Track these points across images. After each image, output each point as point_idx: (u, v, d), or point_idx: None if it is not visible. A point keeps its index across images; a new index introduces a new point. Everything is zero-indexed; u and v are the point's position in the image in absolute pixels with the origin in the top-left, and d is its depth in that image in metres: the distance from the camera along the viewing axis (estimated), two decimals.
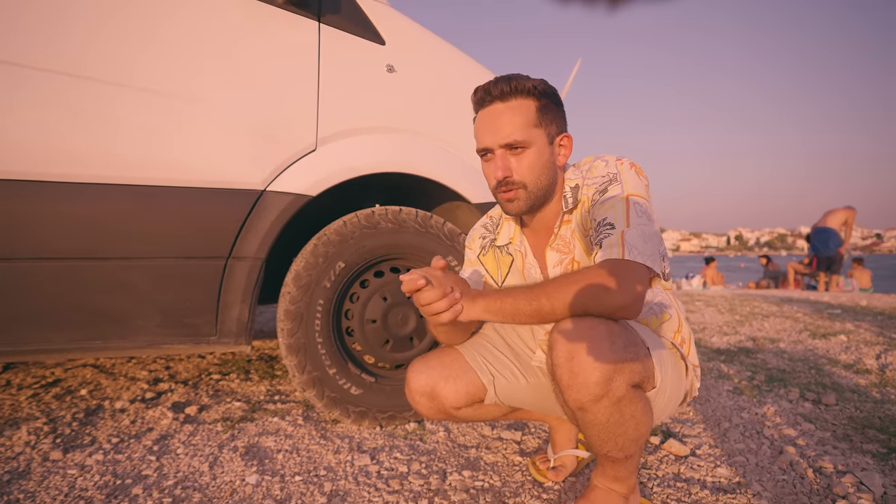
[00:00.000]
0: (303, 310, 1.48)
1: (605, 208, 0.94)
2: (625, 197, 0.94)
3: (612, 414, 0.87)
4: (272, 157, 1.43)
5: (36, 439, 1.43)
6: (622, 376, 0.85)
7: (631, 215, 0.92)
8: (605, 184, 0.97)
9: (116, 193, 1.29)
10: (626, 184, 0.95)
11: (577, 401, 0.86)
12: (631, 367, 0.86)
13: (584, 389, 0.85)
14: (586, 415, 0.88)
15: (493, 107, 0.97)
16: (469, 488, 1.20)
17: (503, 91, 0.96)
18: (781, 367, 2.31)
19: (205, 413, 1.66)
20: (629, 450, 0.94)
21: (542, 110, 0.97)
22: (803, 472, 1.28)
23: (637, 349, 0.89)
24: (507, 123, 0.95)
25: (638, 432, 0.91)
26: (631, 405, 0.88)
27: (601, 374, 0.83)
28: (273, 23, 1.44)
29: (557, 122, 1.00)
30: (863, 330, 3.12)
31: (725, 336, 3.05)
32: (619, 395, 0.86)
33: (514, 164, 0.97)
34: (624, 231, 0.90)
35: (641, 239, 0.90)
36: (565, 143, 1.02)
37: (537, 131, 0.97)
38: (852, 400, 1.83)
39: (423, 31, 1.71)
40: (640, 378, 0.89)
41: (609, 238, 0.91)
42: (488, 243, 1.19)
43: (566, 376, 0.86)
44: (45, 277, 1.27)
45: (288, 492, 1.18)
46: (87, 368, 2.13)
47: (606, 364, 0.83)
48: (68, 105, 1.25)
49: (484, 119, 0.99)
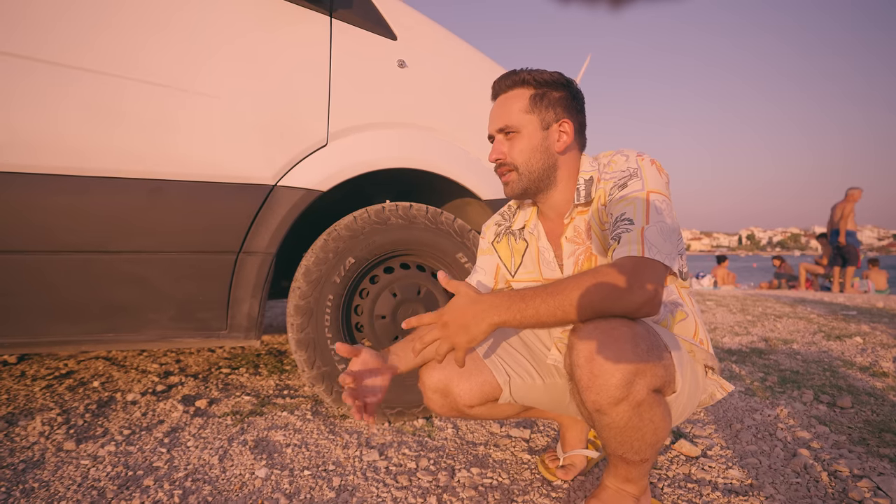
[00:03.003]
0: (312, 305, 1.49)
1: (625, 204, 0.93)
2: (645, 193, 0.92)
3: (630, 418, 0.85)
4: (283, 152, 1.43)
5: (50, 430, 1.44)
6: (643, 380, 0.83)
7: (651, 212, 0.91)
8: (625, 179, 0.96)
9: (128, 187, 1.30)
10: (646, 180, 0.94)
11: (595, 402, 0.85)
12: (653, 371, 0.84)
13: (603, 391, 0.83)
14: (604, 417, 0.87)
15: (498, 98, 1.06)
16: (477, 485, 1.20)
17: (505, 84, 1.04)
18: (795, 368, 2.28)
19: (214, 406, 1.67)
20: (645, 454, 0.92)
21: (536, 98, 1.02)
22: (818, 476, 1.26)
23: (660, 352, 0.87)
24: (504, 112, 1.03)
25: (656, 437, 0.89)
26: (650, 410, 0.86)
27: (622, 376, 0.81)
28: (285, 17, 1.44)
29: (556, 108, 1.02)
30: (879, 332, 3.06)
31: (737, 336, 3.02)
32: (639, 399, 0.84)
33: (507, 147, 1.03)
34: (644, 228, 0.89)
35: (662, 237, 0.89)
36: (565, 128, 1.03)
37: (528, 117, 1.02)
38: (868, 403, 1.79)
39: (435, 26, 1.69)
40: (662, 382, 0.87)
41: (628, 234, 0.90)
42: (503, 230, 1.19)
43: (585, 377, 0.84)
44: (58, 270, 1.29)
45: (297, 486, 1.18)
46: (100, 361, 2.15)
47: (628, 366, 0.81)
48: (81, 99, 1.26)
49: (491, 110, 1.08)
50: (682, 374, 0.92)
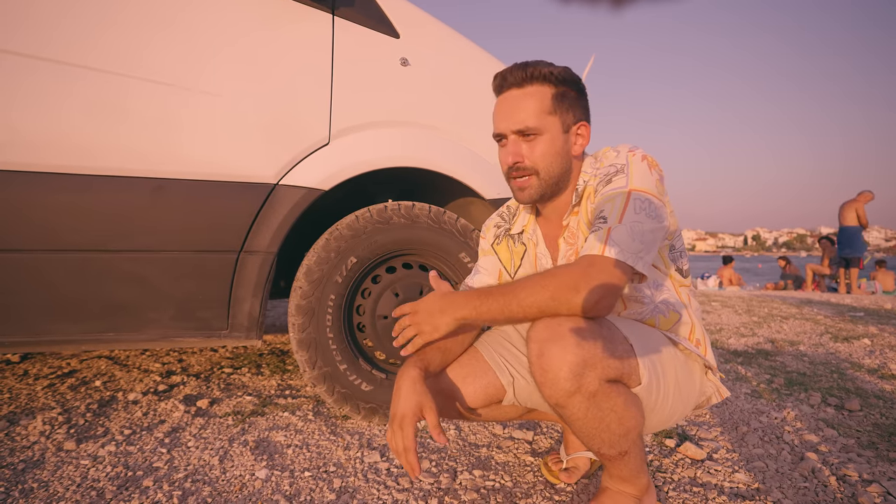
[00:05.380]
0: (314, 305, 1.48)
1: (605, 200, 0.92)
2: (626, 191, 0.90)
3: (588, 409, 0.86)
4: (285, 151, 1.42)
5: (51, 429, 1.44)
6: (594, 371, 0.83)
7: (627, 211, 0.88)
8: (611, 175, 0.94)
9: (129, 186, 1.30)
10: (631, 177, 0.91)
11: (551, 397, 0.86)
12: (604, 363, 0.84)
13: (555, 385, 0.84)
14: (564, 411, 0.88)
15: (509, 93, 0.98)
16: (480, 488, 1.19)
17: (519, 77, 0.96)
18: (802, 370, 2.25)
19: (216, 406, 1.66)
20: (620, 445, 0.91)
21: (558, 97, 0.96)
22: (826, 480, 1.23)
23: (614, 345, 0.86)
24: (521, 109, 0.95)
25: (623, 427, 0.89)
26: (608, 399, 0.86)
27: (570, 368, 0.82)
28: (287, 15, 1.43)
29: (575, 110, 0.98)
30: (887, 334, 3.03)
31: (743, 338, 2.99)
32: (591, 390, 0.84)
33: (526, 150, 0.97)
34: (612, 227, 0.87)
35: (630, 236, 0.87)
36: (582, 132, 1.00)
37: (551, 118, 0.96)
38: (877, 406, 1.77)
39: (438, 24, 1.68)
40: (617, 373, 0.87)
41: (596, 233, 0.89)
42: (502, 232, 1.17)
43: (538, 373, 0.85)
44: (60, 269, 1.28)
45: (297, 487, 1.17)
46: (102, 360, 2.15)
47: (574, 359, 0.82)
48: (84, 98, 1.25)
49: (500, 105, 0.99)
50: (650, 367, 0.90)
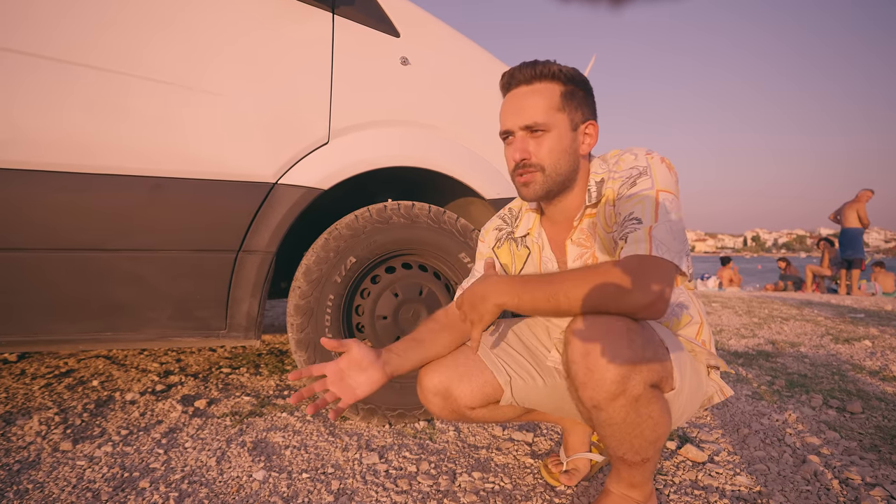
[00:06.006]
0: (313, 305, 1.47)
1: (633, 203, 0.91)
2: (655, 192, 0.90)
3: (628, 413, 0.84)
4: (284, 150, 1.42)
5: (47, 429, 1.43)
6: (640, 375, 0.82)
7: (660, 211, 0.88)
8: (635, 177, 0.93)
9: (130, 185, 1.29)
10: (656, 178, 0.91)
11: (592, 398, 0.84)
12: (649, 367, 0.83)
13: (600, 387, 0.82)
14: (601, 414, 0.86)
15: (518, 90, 0.97)
16: (479, 490, 1.17)
17: (528, 74, 0.96)
18: (803, 371, 2.24)
19: (214, 407, 1.65)
20: (646, 452, 0.90)
21: (566, 95, 0.95)
22: (828, 483, 1.22)
23: (655, 348, 0.86)
24: (529, 106, 0.95)
25: (655, 434, 0.88)
26: (648, 405, 0.85)
27: (618, 371, 0.80)
28: (286, 13, 1.42)
29: (583, 109, 0.98)
30: (888, 335, 3.02)
31: (743, 339, 2.98)
32: (636, 394, 0.82)
33: (534, 146, 0.96)
34: (652, 226, 0.87)
35: (670, 235, 0.86)
36: (590, 131, 0.99)
37: (560, 115, 0.95)
38: (879, 408, 1.76)
39: (439, 23, 1.67)
40: (659, 378, 0.86)
41: (636, 233, 0.87)
42: (504, 235, 1.16)
43: (582, 373, 0.83)
44: (59, 268, 1.27)
45: (295, 489, 1.16)
46: (100, 359, 2.14)
47: (624, 361, 0.80)
48: (85, 96, 1.24)
49: (508, 102, 0.99)
50: (680, 372, 0.90)
